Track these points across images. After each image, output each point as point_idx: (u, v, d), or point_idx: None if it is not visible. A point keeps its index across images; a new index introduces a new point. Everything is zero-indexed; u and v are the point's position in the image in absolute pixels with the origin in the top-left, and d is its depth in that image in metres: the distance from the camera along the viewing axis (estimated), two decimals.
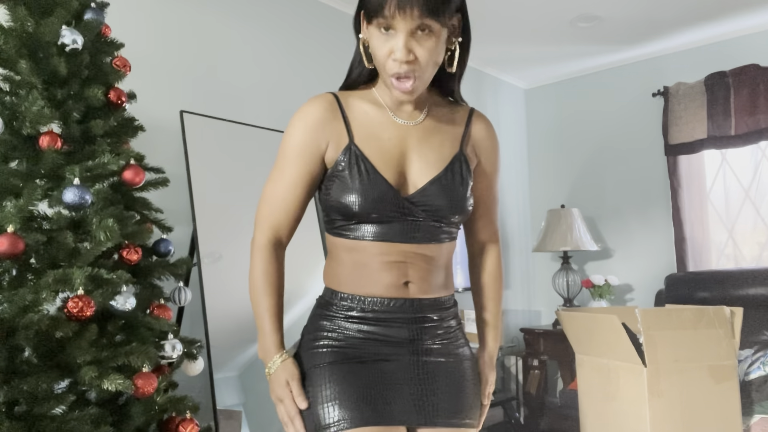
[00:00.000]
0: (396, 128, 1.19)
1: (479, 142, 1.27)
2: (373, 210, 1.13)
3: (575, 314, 2.31)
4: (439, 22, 1.07)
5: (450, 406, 1.19)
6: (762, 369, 2.40)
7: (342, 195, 1.14)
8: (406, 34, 1.06)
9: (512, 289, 4.44)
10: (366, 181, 1.13)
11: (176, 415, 1.65)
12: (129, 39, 1.95)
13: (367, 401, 1.12)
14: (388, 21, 1.06)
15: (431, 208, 1.16)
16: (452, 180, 1.19)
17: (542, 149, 4.64)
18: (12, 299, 1.40)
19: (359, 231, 1.16)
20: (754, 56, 3.64)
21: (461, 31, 1.17)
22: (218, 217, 2.39)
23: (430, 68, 1.12)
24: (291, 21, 3.07)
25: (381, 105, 1.20)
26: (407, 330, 1.18)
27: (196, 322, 2.40)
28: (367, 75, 1.22)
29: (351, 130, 1.17)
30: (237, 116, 2.70)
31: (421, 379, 1.17)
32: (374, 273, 1.16)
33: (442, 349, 1.21)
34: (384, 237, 1.15)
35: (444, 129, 1.23)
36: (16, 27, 1.61)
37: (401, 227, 1.16)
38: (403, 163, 1.18)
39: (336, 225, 1.19)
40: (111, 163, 1.62)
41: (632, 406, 2.03)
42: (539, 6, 3.36)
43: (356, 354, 1.16)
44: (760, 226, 3.70)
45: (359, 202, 1.13)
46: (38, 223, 1.57)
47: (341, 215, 1.16)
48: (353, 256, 1.18)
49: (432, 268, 1.19)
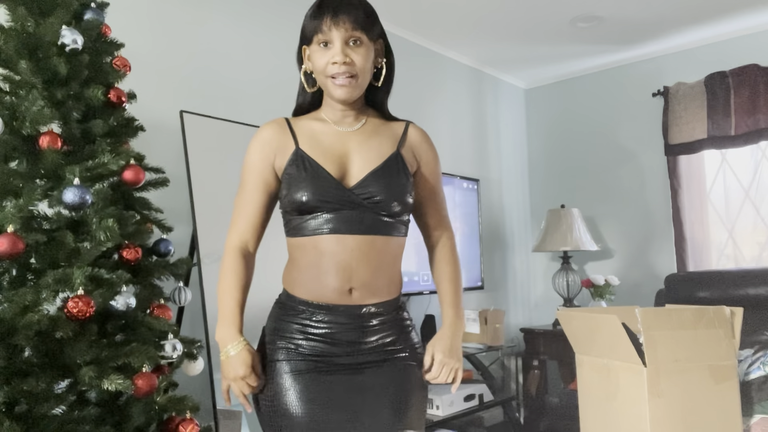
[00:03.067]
0: (338, 134, 1.37)
1: (417, 147, 1.43)
2: (320, 200, 1.28)
3: (575, 314, 2.31)
4: (366, 35, 1.30)
5: (388, 416, 1.27)
6: (762, 369, 2.40)
7: (293, 190, 1.30)
8: (342, 42, 1.28)
9: (512, 289, 4.44)
10: (312, 175, 1.29)
11: (176, 415, 1.65)
12: (129, 39, 1.95)
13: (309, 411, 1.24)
14: (326, 35, 1.28)
15: (371, 196, 1.30)
16: (389, 172, 1.34)
17: (542, 149, 4.64)
18: (12, 299, 1.40)
19: (310, 226, 1.30)
20: (754, 56, 3.64)
21: (384, 54, 1.39)
22: (218, 217, 2.39)
23: (364, 73, 1.31)
24: (291, 21, 3.07)
25: (325, 120, 1.38)
26: (349, 335, 1.30)
27: (196, 322, 2.40)
28: (310, 100, 1.41)
29: (297, 138, 1.35)
30: (237, 116, 2.70)
31: (359, 389, 1.28)
32: (322, 276, 1.29)
33: (380, 354, 1.32)
34: (332, 229, 1.28)
35: (382, 134, 1.40)
36: (16, 27, 1.61)
37: (347, 217, 1.29)
38: (345, 161, 1.34)
39: (292, 225, 1.33)
40: (111, 163, 1.62)
41: (632, 406, 2.03)
42: (539, 6, 3.36)
43: (306, 354, 1.29)
44: (760, 226, 3.70)
45: (307, 193, 1.28)
46: (38, 223, 1.57)
47: (295, 211, 1.31)
48: (306, 256, 1.31)
49: (376, 270, 1.31)
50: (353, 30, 1.28)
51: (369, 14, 1.32)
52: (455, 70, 4.08)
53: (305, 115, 1.41)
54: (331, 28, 1.27)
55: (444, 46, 3.91)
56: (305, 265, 1.31)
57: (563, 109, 4.54)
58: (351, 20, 1.27)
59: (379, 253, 1.31)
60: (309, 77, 1.38)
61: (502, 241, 4.38)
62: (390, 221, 1.33)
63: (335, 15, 1.27)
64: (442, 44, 3.88)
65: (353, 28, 1.28)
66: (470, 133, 4.17)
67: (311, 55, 1.32)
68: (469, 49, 3.99)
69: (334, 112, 1.37)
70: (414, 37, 3.67)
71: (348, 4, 1.28)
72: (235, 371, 1.27)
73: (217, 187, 2.42)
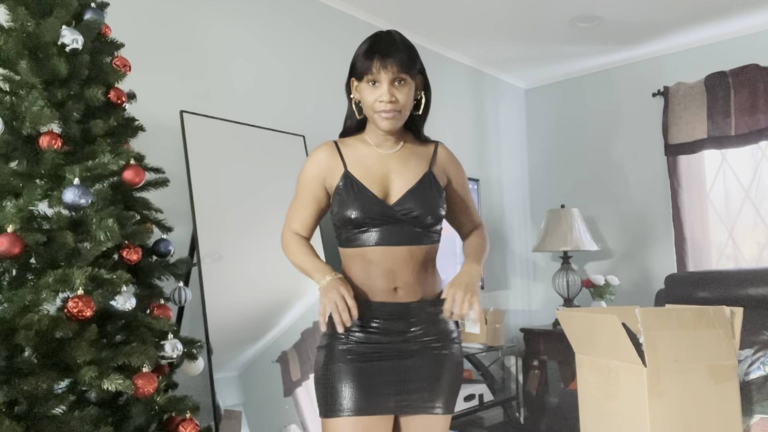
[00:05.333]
0: (380, 157, 1.57)
1: (446, 165, 1.65)
2: (366, 216, 1.49)
3: (575, 314, 2.31)
4: (410, 75, 1.49)
5: (425, 394, 1.50)
6: (762, 369, 2.40)
7: (343, 208, 1.52)
8: (389, 83, 1.47)
9: (512, 289, 4.45)
10: (359, 195, 1.51)
11: (176, 415, 1.65)
12: (129, 39, 1.95)
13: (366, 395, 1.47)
14: (375, 76, 1.47)
15: (410, 211, 1.51)
16: (423, 189, 1.54)
17: (542, 149, 4.64)
18: (12, 299, 1.40)
19: (359, 239, 1.52)
20: (754, 56, 3.64)
21: (423, 87, 1.58)
22: (218, 217, 2.39)
23: (406, 108, 1.51)
24: (291, 21, 3.07)
25: (368, 143, 1.59)
26: (396, 326, 1.51)
27: (196, 322, 2.40)
28: (356, 125, 1.60)
29: (345, 161, 1.55)
30: (237, 116, 2.70)
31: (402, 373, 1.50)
32: (371, 280, 1.51)
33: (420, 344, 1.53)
34: (377, 241, 1.51)
35: (417, 155, 1.60)
36: (16, 27, 1.61)
37: (390, 231, 1.51)
38: (386, 181, 1.55)
39: (343, 237, 1.55)
40: (111, 163, 1.62)
41: (632, 406, 2.03)
42: (539, 6, 3.36)
43: (362, 350, 1.50)
44: (760, 226, 3.70)
45: (356, 211, 1.50)
46: (38, 223, 1.56)
47: (348, 225, 1.52)
48: (357, 264, 1.53)
49: (416, 273, 1.52)
50: (399, 72, 1.46)
51: (411, 56, 1.51)
52: (455, 70, 4.08)
53: (351, 137, 1.61)
54: (380, 71, 1.46)
55: (444, 46, 3.92)
56: (356, 271, 1.53)
57: (563, 109, 4.54)
58: (397, 63, 1.46)
59: (417, 259, 1.52)
60: (358, 105, 1.56)
61: (502, 241, 4.38)
62: (425, 232, 1.54)
63: (383, 59, 1.45)
64: (443, 44, 3.89)
65: (399, 71, 1.46)
66: (470, 133, 4.17)
67: (361, 91, 1.51)
68: (469, 49, 3.99)
69: (377, 136, 1.57)
70: (414, 37, 3.67)
71: (395, 49, 1.47)
72: (336, 287, 1.44)
73: (217, 187, 2.42)
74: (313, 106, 3.10)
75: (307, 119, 3.05)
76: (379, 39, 1.50)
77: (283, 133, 2.79)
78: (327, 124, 3.10)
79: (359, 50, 1.51)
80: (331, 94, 3.14)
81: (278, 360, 2.44)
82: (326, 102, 3.14)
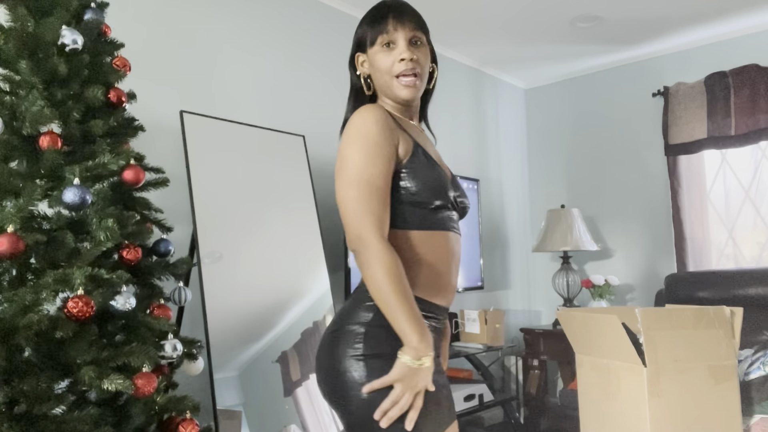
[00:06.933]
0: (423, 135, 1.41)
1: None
2: (444, 194, 1.29)
3: (575, 314, 2.31)
4: (425, 36, 1.35)
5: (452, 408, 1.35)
6: (762, 369, 2.40)
7: (429, 182, 1.27)
8: (406, 41, 1.31)
9: (512, 289, 4.44)
10: (439, 170, 1.31)
11: (176, 415, 1.65)
12: (129, 39, 1.95)
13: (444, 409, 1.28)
14: (391, 35, 1.31)
15: (462, 197, 1.37)
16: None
17: (542, 149, 4.64)
18: (12, 299, 1.39)
19: (442, 221, 1.29)
20: (754, 56, 3.64)
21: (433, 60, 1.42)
22: (218, 217, 2.39)
23: (424, 74, 1.34)
24: (291, 21, 3.07)
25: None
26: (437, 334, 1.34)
27: (196, 322, 2.40)
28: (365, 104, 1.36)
29: (408, 131, 1.32)
30: (237, 116, 2.70)
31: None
32: (443, 276, 1.29)
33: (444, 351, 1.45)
34: (451, 227, 1.31)
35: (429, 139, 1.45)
36: (16, 27, 1.61)
37: (454, 218, 1.34)
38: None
39: (416, 216, 1.27)
40: (111, 163, 1.62)
41: (632, 406, 2.03)
42: (539, 6, 3.36)
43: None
44: (760, 226, 3.70)
45: (443, 188, 1.29)
46: (38, 223, 1.56)
47: (434, 201, 1.27)
48: (433, 252, 1.27)
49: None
50: (415, 30, 1.32)
51: (423, 20, 1.38)
52: (455, 70, 4.08)
53: None
54: (396, 28, 1.31)
55: (444, 46, 3.92)
56: (429, 262, 1.26)
57: (563, 109, 4.54)
58: (414, 21, 1.33)
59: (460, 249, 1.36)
60: (367, 81, 1.38)
61: (502, 241, 4.38)
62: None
63: (399, 16, 1.31)
64: (443, 44, 3.89)
65: (415, 28, 1.32)
66: (470, 133, 4.17)
67: (373, 57, 1.33)
68: (469, 49, 3.99)
69: (393, 112, 1.36)
70: None
71: (409, 9, 1.35)
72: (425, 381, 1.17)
73: (217, 187, 2.42)
74: (313, 106, 3.10)
75: (307, 119, 3.05)
76: (386, 3, 1.35)
77: (283, 133, 2.79)
78: (327, 124, 3.10)
79: (366, 18, 1.36)
80: (331, 93, 3.14)
81: (278, 360, 2.43)
82: (326, 102, 3.14)
